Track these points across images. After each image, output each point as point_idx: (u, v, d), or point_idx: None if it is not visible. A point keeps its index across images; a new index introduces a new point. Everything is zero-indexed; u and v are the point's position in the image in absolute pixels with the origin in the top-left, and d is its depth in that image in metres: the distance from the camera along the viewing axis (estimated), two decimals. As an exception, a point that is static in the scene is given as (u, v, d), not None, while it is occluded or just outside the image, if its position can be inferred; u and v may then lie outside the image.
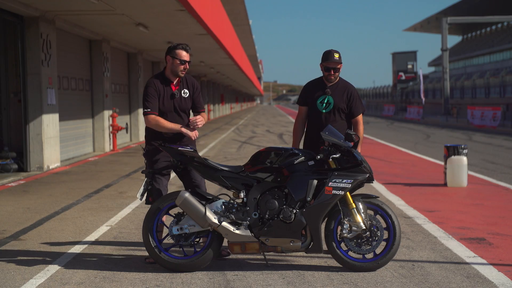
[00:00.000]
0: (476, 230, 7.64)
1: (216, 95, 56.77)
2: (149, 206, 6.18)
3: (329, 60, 6.41)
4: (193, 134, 6.17)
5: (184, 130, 6.11)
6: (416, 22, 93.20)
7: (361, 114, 6.59)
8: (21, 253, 6.71)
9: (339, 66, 6.43)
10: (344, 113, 6.50)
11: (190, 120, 6.13)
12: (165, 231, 6.75)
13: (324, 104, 6.49)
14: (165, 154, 6.20)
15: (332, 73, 6.42)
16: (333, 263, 6.11)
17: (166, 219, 6.82)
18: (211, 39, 20.60)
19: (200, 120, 6.12)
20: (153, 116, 6.10)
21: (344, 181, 5.81)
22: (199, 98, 6.38)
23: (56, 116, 14.61)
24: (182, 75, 6.22)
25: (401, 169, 14.30)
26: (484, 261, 6.22)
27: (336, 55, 6.41)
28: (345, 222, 5.87)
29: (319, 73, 6.62)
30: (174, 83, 6.25)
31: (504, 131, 30.28)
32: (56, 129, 14.64)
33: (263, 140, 24.50)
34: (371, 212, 6.04)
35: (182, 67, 6.18)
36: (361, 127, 6.56)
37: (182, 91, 6.28)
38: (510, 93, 42.88)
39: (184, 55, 6.17)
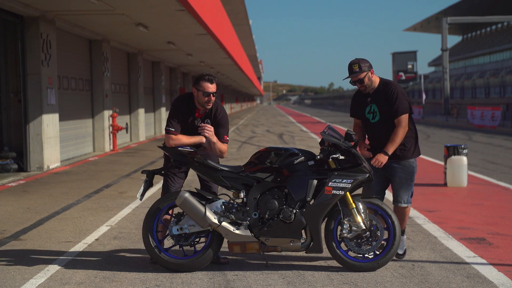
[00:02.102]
0: (476, 230, 7.64)
1: (216, 95, 56.70)
2: (150, 206, 6.18)
3: (350, 74, 6.15)
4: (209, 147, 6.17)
5: (204, 141, 6.10)
6: (416, 22, 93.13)
7: (405, 115, 6.05)
8: (21, 253, 6.71)
9: (361, 76, 6.10)
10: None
11: (200, 125, 6.04)
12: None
13: (372, 114, 6.21)
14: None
15: (358, 85, 6.18)
16: (333, 263, 6.12)
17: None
18: (211, 39, 20.60)
19: (208, 129, 6.01)
20: (174, 136, 6.04)
21: (344, 181, 5.81)
22: (220, 129, 6.17)
23: (56, 116, 14.61)
24: (208, 107, 6.10)
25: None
26: (484, 261, 6.22)
27: (355, 67, 6.10)
28: (345, 222, 5.87)
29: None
30: (200, 111, 6.17)
31: (504, 131, 30.28)
32: (56, 129, 14.64)
33: (263, 140, 24.51)
34: (371, 212, 6.04)
35: (206, 98, 6.06)
36: (401, 130, 6.03)
37: (205, 121, 6.19)
38: (510, 93, 42.88)
39: (208, 86, 6.05)
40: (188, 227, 5.91)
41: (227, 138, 6.23)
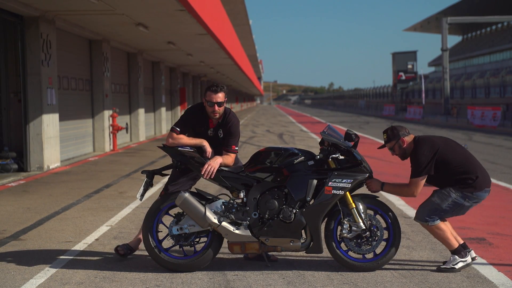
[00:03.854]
0: (476, 230, 7.64)
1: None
2: (150, 206, 6.19)
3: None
4: (210, 151, 6.08)
5: (205, 143, 6.04)
6: (416, 22, 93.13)
7: (414, 179, 5.92)
8: (21, 253, 6.71)
9: (389, 146, 6.08)
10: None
11: (201, 171, 5.92)
12: (165, 231, 6.73)
13: None
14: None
15: (392, 154, 6.20)
16: (333, 263, 6.12)
17: (166, 220, 6.82)
18: (211, 39, 20.60)
19: (208, 171, 5.87)
20: (175, 135, 6.02)
21: (344, 181, 5.81)
22: (229, 138, 6.10)
23: (56, 116, 14.61)
24: (215, 116, 6.06)
25: (401, 169, 14.28)
26: (484, 261, 6.22)
27: (384, 136, 6.13)
28: (345, 222, 5.87)
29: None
30: (213, 121, 6.16)
31: (504, 131, 30.28)
32: (56, 129, 14.64)
33: (263, 140, 24.51)
34: (371, 212, 6.04)
35: (211, 109, 6.04)
36: (406, 188, 5.98)
37: (219, 131, 6.16)
38: (510, 93, 42.86)
39: (212, 97, 6.01)
40: (188, 227, 5.91)
41: (236, 148, 6.11)
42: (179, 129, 6.06)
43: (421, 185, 5.96)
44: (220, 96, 6.05)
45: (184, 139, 6.05)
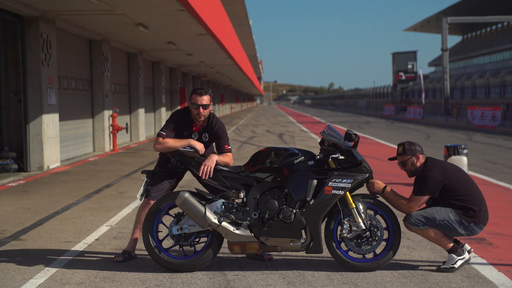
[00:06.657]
0: (476, 230, 7.63)
1: (216, 95, 56.77)
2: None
3: (396, 155, 6.17)
4: (201, 148, 6.08)
5: (192, 143, 6.06)
6: (416, 22, 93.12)
7: (417, 196, 5.92)
8: (21, 253, 6.71)
9: (403, 159, 6.08)
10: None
11: (199, 172, 5.97)
12: (165, 231, 6.74)
13: None
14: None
15: (401, 168, 6.15)
16: (333, 263, 6.12)
17: (166, 220, 6.82)
18: (211, 39, 20.60)
19: (205, 171, 5.92)
20: (161, 139, 6.05)
21: (344, 181, 5.81)
22: (219, 141, 6.16)
23: (56, 116, 14.61)
24: (199, 119, 6.12)
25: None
26: (484, 261, 6.22)
27: (399, 148, 6.11)
28: (345, 222, 5.87)
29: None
30: (197, 125, 6.20)
31: (504, 131, 30.27)
32: (56, 129, 14.64)
33: (263, 140, 24.51)
34: (371, 212, 6.04)
35: (196, 111, 6.10)
36: (405, 203, 5.96)
37: (203, 135, 6.20)
38: (510, 93, 42.88)
39: (198, 99, 6.08)
40: (188, 227, 5.91)
41: (229, 147, 6.18)
42: (165, 134, 6.07)
43: (421, 204, 5.96)
44: (205, 99, 6.11)
45: (170, 142, 6.05)
